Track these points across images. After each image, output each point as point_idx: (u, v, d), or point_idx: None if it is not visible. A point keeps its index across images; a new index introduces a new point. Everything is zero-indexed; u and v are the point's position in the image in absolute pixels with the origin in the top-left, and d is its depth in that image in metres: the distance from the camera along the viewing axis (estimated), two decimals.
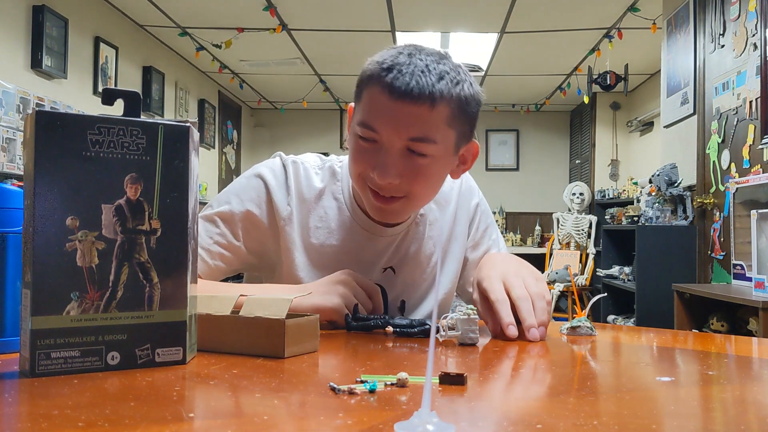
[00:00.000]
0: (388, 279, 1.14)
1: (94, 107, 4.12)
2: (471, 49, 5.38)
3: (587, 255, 5.66)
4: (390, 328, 0.92)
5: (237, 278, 1.32)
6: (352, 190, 1.11)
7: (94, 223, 0.64)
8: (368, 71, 0.97)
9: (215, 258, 1.08)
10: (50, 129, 0.63)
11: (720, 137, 3.32)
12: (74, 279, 0.63)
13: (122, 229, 0.65)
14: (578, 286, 5.38)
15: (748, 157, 3.05)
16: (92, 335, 0.64)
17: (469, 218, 1.25)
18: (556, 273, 5.52)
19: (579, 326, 0.94)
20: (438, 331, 0.85)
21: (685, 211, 3.66)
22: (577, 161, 7.34)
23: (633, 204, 4.85)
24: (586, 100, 5.46)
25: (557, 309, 5.62)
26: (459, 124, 0.98)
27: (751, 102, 3.01)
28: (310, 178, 1.12)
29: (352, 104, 1.04)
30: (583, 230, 5.75)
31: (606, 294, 4.47)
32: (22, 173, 3.32)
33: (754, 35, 3.00)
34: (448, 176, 1.09)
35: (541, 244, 7.05)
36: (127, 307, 0.65)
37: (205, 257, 1.07)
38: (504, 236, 7.10)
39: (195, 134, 0.71)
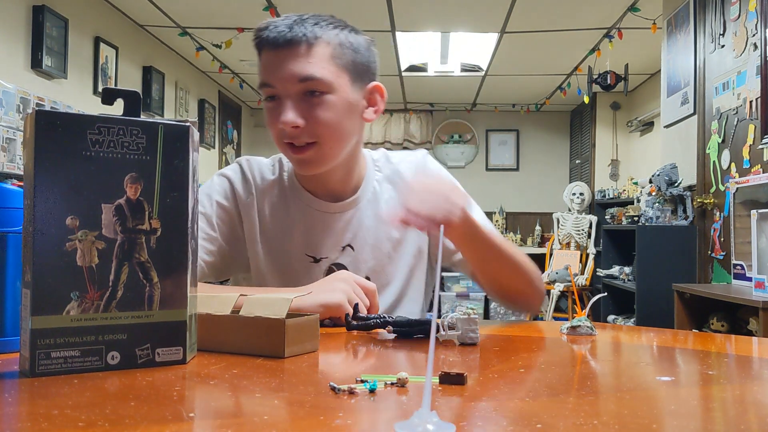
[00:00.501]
0: (349, 257, 1.18)
1: (94, 107, 4.12)
2: (471, 49, 5.38)
3: (587, 255, 5.66)
4: (390, 328, 0.92)
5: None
6: (294, 172, 1.21)
7: (94, 223, 0.64)
8: (253, 40, 1.09)
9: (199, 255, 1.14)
10: (50, 129, 0.63)
11: (720, 137, 3.32)
12: (74, 279, 0.63)
13: (122, 229, 0.65)
14: (578, 286, 5.38)
15: (748, 157, 3.05)
16: (92, 335, 0.64)
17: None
18: (556, 273, 5.51)
19: (579, 326, 0.94)
20: (438, 331, 0.85)
21: (685, 211, 3.66)
22: (577, 161, 7.34)
23: (633, 204, 4.85)
24: (586, 100, 5.46)
25: (557, 309, 5.61)
26: (347, 63, 1.07)
27: (751, 102, 3.01)
28: (263, 171, 1.22)
29: None
30: (583, 230, 5.75)
31: (606, 294, 4.46)
32: (22, 173, 3.32)
33: (754, 35, 3.00)
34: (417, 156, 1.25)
35: (541, 244, 7.05)
36: (127, 306, 0.65)
37: None
38: (504, 236, 7.09)
39: (195, 134, 0.71)
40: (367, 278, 1.17)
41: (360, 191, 1.20)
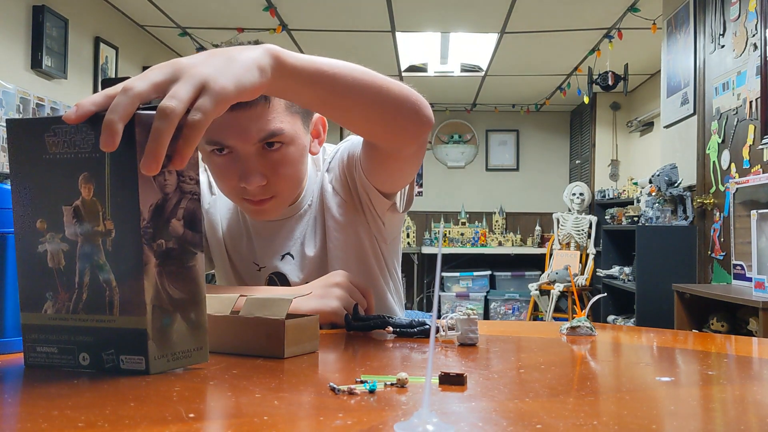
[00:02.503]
0: (289, 265, 1.17)
1: None
2: (471, 49, 5.38)
3: (587, 255, 5.66)
4: (390, 328, 0.92)
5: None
6: None
7: (58, 225, 0.65)
8: None
9: None
10: (17, 135, 0.65)
11: (720, 137, 3.32)
12: (47, 280, 0.65)
13: (81, 231, 0.64)
14: (578, 286, 5.38)
15: (748, 158, 3.05)
16: (65, 334, 0.65)
17: (341, 172, 1.17)
18: (556, 273, 5.51)
19: (579, 326, 0.94)
20: (438, 331, 0.85)
21: (685, 211, 3.66)
22: (577, 161, 7.34)
23: (633, 204, 4.85)
24: (586, 100, 5.46)
25: (557, 309, 5.61)
26: (298, 107, 1.04)
27: (751, 102, 3.01)
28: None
29: None
30: (583, 230, 5.75)
31: (606, 294, 4.46)
32: None
33: (754, 35, 3.00)
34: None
35: (541, 244, 7.05)
36: (92, 309, 0.64)
37: None
38: (504, 236, 7.11)
39: (145, 123, 0.61)
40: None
41: (301, 198, 1.19)
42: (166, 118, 0.58)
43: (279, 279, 1.18)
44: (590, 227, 5.73)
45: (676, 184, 3.68)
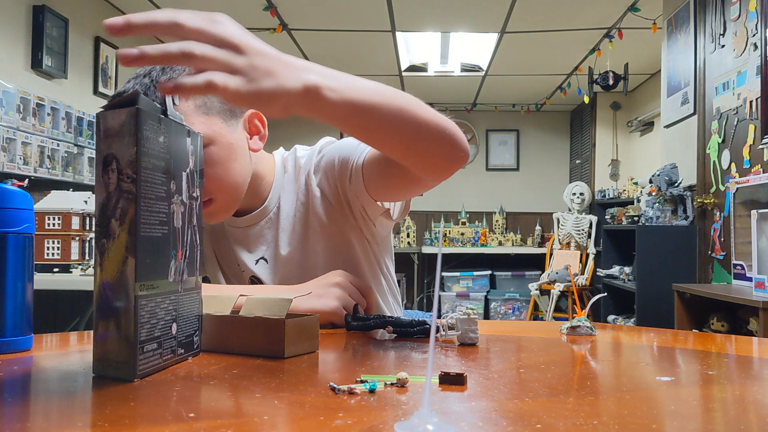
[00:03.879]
0: (264, 269, 1.17)
1: (94, 107, 4.12)
2: (471, 49, 5.38)
3: (587, 255, 5.66)
4: (390, 328, 0.92)
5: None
6: None
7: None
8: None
9: None
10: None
11: (720, 137, 3.32)
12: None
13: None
14: (578, 286, 5.38)
15: (748, 157, 3.05)
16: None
17: (330, 178, 1.13)
18: (556, 273, 5.51)
19: (579, 326, 0.94)
20: (438, 331, 0.85)
21: (685, 211, 3.66)
22: (577, 161, 7.34)
23: (633, 204, 4.85)
24: (586, 100, 5.46)
25: (557, 309, 5.61)
26: (216, 106, 1.01)
27: (751, 102, 3.01)
28: None
29: None
30: (583, 230, 5.75)
31: (606, 294, 4.46)
32: (22, 173, 3.32)
33: (754, 35, 3.00)
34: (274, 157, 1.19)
35: (541, 244, 7.05)
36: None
37: None
38: (504, 236, 7.10)
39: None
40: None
41: (267, 201, 1.16)
42: (202, 83, 0.61)
43: (258, 282, 1.18)
44: (590, 227, 5.73)
45: (676, 184, 3.68)
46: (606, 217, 5.21)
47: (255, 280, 1.18)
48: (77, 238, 2.90)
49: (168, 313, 0.68)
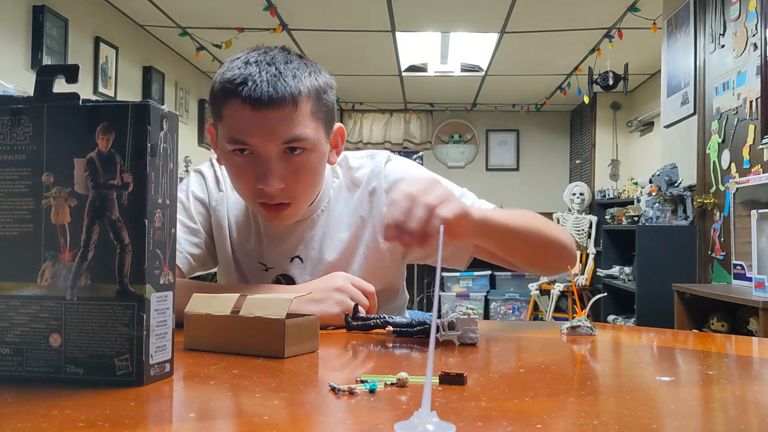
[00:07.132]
0: (297, 268, 1.17)
1: None
2: (471, 49, 5.38)
3: (587, 255, 5.66)
4: (390, 328, 0.92)
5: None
6: None
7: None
8: (222, 89, 0.99)
9: (184, 248, 1.14)
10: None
11: (720, 137, 3.32)
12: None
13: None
14: (578, 286, 5.38)
15: (748, 157, 3.05)
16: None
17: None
18: None
19: (579, 326, 0.94)
20: (438, 330, 0.85)
21: (685, 211, 3.66)
22: (577, 161, 7.34)
23: (633, 204, 4.85)
24: (586, 100, 5.46)
25: (557, 309, 5.61)
26: (322, 113, 1.03)
27: (751, 102, 3.01)
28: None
29: (210, 123, 1.08)
30: (583, 230, 5.75)
31: (606, 294, 4.46)
32: None
33: (754, 35, 3.00)
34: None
35: None
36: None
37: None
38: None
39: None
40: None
41: (315, 204, 1.17)
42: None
43: (286, 281, 1.17)
44: (590, 227, 5.73)
45: (676, 184, 3.68)
46: (606, 217, 5.21)
47: (281, 279, 1.17)
48: None
49: (40, 320, 0.61)
